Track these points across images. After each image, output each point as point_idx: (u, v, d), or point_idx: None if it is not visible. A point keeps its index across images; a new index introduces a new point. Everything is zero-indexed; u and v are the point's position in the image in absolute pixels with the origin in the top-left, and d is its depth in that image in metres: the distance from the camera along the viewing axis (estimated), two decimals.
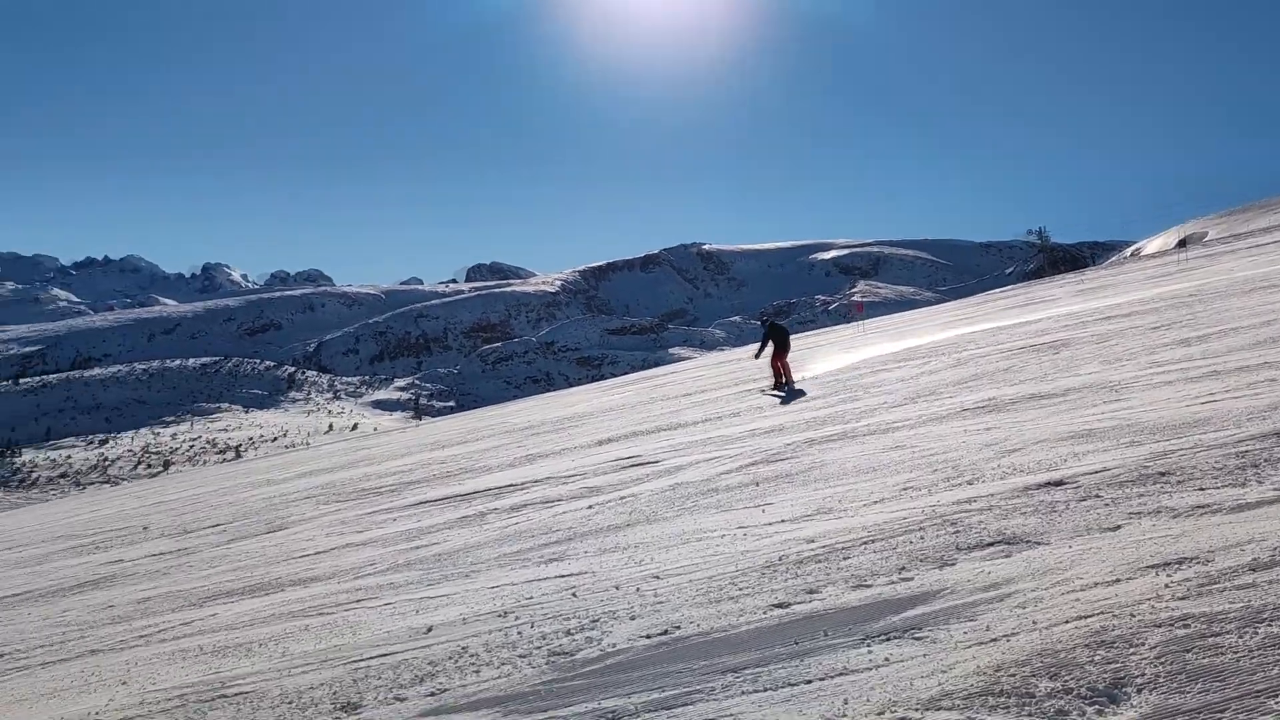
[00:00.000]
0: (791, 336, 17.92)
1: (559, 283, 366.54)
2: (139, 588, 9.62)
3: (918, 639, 3.97)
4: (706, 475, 9.21)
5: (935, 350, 17.58)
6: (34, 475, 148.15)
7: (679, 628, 4.69)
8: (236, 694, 5.11)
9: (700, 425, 13.77)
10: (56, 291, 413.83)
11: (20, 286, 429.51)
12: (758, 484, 8.22)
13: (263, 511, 14.76)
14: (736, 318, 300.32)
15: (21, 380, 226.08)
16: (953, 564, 4.87)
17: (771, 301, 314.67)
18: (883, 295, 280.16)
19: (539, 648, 4.84)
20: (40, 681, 6.36)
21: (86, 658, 6.83)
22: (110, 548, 13.88)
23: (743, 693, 3.77)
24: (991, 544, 5.07)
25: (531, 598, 5.91)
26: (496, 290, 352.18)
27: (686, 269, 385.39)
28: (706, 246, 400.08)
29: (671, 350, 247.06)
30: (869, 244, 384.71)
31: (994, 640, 3.78)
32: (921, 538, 5.45)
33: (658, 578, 5.74)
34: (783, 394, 15.49)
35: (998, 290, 55.67)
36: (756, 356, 16.67)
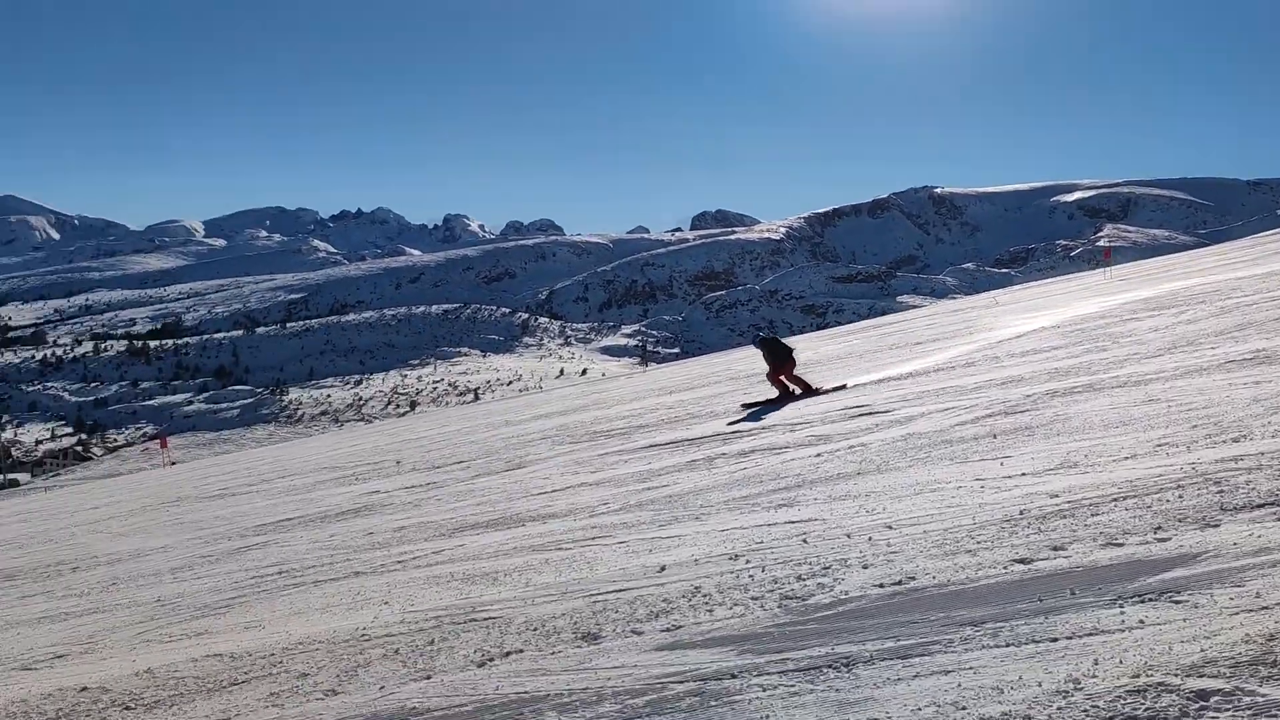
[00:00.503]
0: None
1: (784, 230, 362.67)
2: (394, 517, 10.38)
3: (1177, 602, 3.74)
4: (940, 426, 8.96)
5: (1194, 298, 16.26)
6: (300, 412, 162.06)
7: (914, 579, 4.62)
8: (485, 618, 5.45)
9: (933, 375, 13.37)
10: (316, 243, 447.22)
11: (286, 238, 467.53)
12: (995, 436, 7.92)
13: (502, 450, 15.56)
14: (970, 264, 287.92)
15: (288, 325, 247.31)
16: (1216, 525, 4.53)
17: (1007, 248, 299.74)
18: (1133, 240, 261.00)
19: (771, 591, 4.90)
20: (314, 597, 7.00)
21: (352, 579, 7.46)
22: (368, 479, 15.03)
23: (983, 647, 3.68)
24: (1261, 505, 4.68)
25: (762, 542, 5.97)
26: (721, 238, 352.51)
27: (917, 214, 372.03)
28: (938, 190, 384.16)
29: (900, 299, 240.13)
30: (1117, 184, 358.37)
31: (1265, 608, 3.51)
32: (1180, 496, 5.11)
33: (890, 527, 5.66)
34: (756, 407, 13.62)
35: (1269, 232, 50.72)
36: (775, 383, 14.35)
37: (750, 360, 28.48)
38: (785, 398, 13.98)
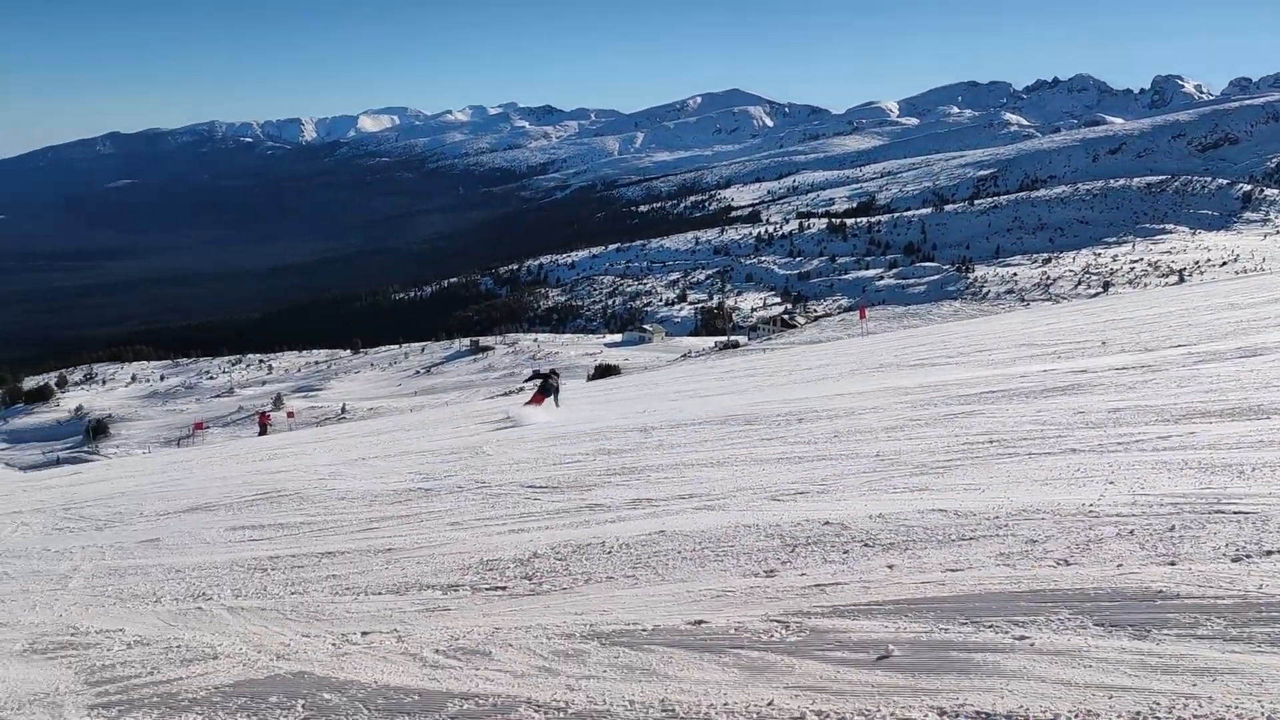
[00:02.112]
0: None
1: None
2: (1107, 398, 9.86)
3: None
4: None
5: None
6: (985, 289, 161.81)
7: None
8: (1235, 512, 4.95)
9: None
10: (1009, 116, 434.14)
11: (977, 113, 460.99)
12: None
13: (1230, 335, 13.90)
14: None
15: (976, 201, 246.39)
16: None
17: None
18: None
19: None
20: (1030, 468, 6.96)
21: (1068, 455, 7.25)
22: (1071, 358, 14.48)
23: None
24: None
25: None
26: None
27: None
28: None
29: None
30: None
31: None
32: None
33: None
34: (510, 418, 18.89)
35: None
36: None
37: None
38: (534, 404, 19.84)
